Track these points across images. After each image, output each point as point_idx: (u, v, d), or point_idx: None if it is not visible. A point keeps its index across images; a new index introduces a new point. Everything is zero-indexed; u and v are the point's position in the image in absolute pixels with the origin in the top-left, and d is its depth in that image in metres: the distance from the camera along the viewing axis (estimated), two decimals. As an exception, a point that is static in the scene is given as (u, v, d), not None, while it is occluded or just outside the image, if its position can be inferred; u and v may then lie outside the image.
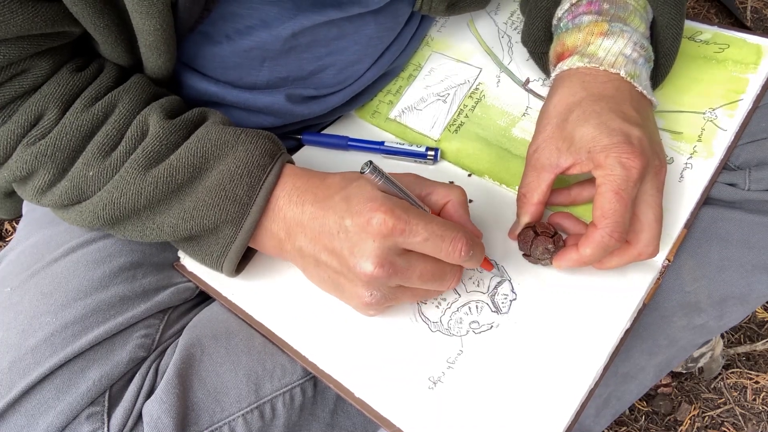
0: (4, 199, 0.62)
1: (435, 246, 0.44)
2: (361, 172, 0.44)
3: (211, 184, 0.48)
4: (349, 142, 0.65)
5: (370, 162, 0.43)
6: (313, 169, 0.51)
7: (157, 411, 0.47)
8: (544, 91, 0.64)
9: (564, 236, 0.53)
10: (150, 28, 0.47)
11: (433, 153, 0.62)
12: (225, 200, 0.48)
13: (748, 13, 1.37)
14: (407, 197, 0.46)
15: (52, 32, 0.47)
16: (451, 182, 0.57)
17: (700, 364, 0.91)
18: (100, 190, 0.49)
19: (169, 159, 0.48)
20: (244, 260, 0.54)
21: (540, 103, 0.63)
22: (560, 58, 0.55)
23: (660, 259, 0.53)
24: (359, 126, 0.68)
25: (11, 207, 0.63)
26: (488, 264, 0.51)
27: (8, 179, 0.50)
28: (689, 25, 0.65)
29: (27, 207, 0.65)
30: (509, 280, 0.53)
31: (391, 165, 0.63)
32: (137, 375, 0.50)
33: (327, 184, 0.48)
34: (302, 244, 0.48)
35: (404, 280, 0.45)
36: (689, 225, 0.55)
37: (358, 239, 0.44)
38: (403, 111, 0.67)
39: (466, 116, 0.65)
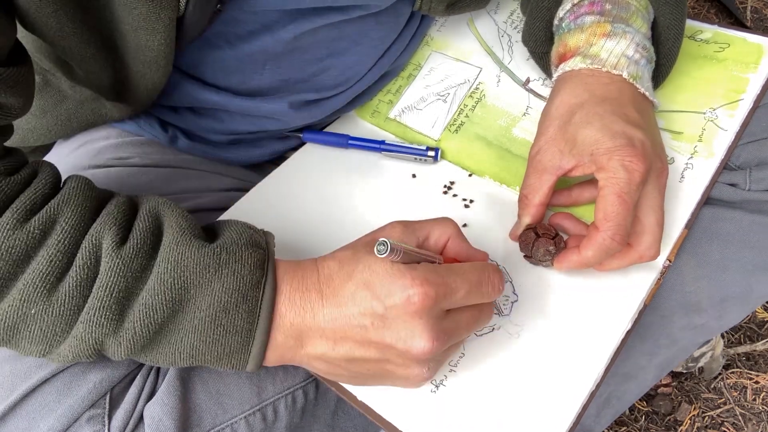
0: None
1: (477, 294, 0.43)
2: (379, 255, 0.39)
3: (203, 320, 0.41)
4: (349, 141, 0.64)
5: (386, 241, 0.39)
6: (295, 261, 0.46)
7: (158, 413, 0.47)
8: (544, 91, 0.64)
9: (565, 237, 0.53)
10: (154, 44, 0.46)
11: (433, 153, 0.62)
12: (225, 335, 0.42)
13: (748, 13, 1.38)
14: (424, 258, 0.43)
15: None
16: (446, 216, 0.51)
17: (700, 364, 0.91)
18: (49, 335, 0.40)
19: (141, 297, 0.41)
20: None
21: (540, 103, 0.63)
22: (562, 58, 0.55)
23: (661, 260, 0.52)
24: (359, 126, 0.68)
25: None
26: None
27: None
28: (689, 24, 0.65)
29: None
30: (510, 282, 0.52)
31: (389, 165, 0.63)
32: (138, 377, 0.49)
33: (326, 276, 0.44)
34: (324, 350, 0.43)
35: (456, 339, 0.43)
36: (690, 225, 0.55)
37: (402, 322, 0.41)
38: (403, 110, 0.67)
39: (467, 116, 0.65)
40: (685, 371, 0.93)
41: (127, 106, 0.59)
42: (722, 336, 0.97)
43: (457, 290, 0.41)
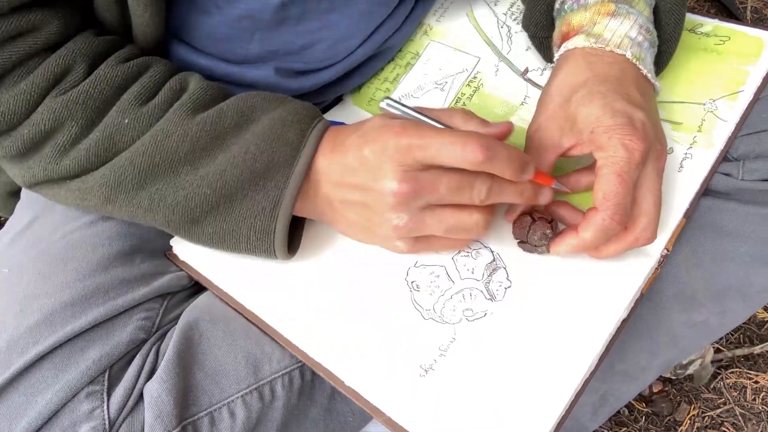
0: (8, 198, 0.61)
1: (451, 152, 0.43)
2: (381, 109, 0.47)
3: (262, 129, 0.48)
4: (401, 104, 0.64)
5: (388, 97, 0.46)
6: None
7: (157, 390, 0.47)
8: (543, 81, 0.64)
9: (561, 227, 0.52)
10: None
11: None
12: (277, 142, 0.47)
13: (748, 13, 1.37)
14: (423, 119, 0.47)
15: None
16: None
17: (689, 371, 0.90)
18: (136, 138, 0.47)
19: (217, 105, 0.48)
20: (292, 244, 0.53)
21: (538, 93, 0.63)
22: (565, 37, 0.55)
23: (658, 248, 0.52)
24: (356, 113, 0.68)
25: (14, 206, 0.63)
26: (545, 177, 0.49)
27: (26, 140, 0.47)
28: (690, 17, 0.65)
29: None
30: (504, 268, 0.52)
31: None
32: (138, 356, 0.49)
33: (343, 130, 0.49)
34: (327, 190, 0.48)
35: (431, 195, 0.45)
36: (688, 215, 0.54)
37: (378, 164, 0.44)
38: (400, 99, 0.66)
39: (464, 104, 0.64)
40: (674, 377, 0.92)
41: None
42: (720, 337, 0.96)
43: (431, 144, 0.43)
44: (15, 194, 0.58)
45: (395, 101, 0.47)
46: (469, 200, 0.46)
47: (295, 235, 0.54)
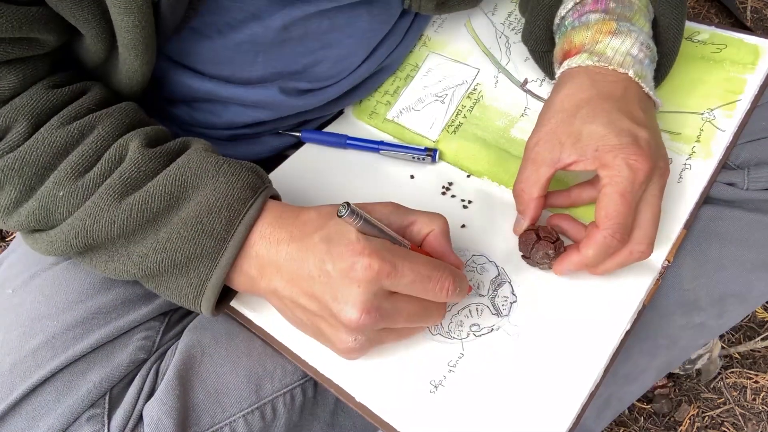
0: None
1: (422, 287, 0.43)
2: (339, 215, 0.41)
3: (188, 215, 0.45)
4: (347, 141, 0.65)
5: (348, 204, 0.41)
6: (287, 204, 0.49)
7: (157, 412, 0.47)
8: (542, 92, 0.64)
9: (565, 243, 0.53)
10: (128, 25, 0.46)
11: (431, 153, 0.62)
12: (201, 234, 0.45)
13: (748, 13, 1.38)
14: (387, 236, 0.45)
15: (20, 37, 0.45)
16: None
17: (697, 366, 0.91)
18: (69, 213, 0.46)
19: (145, 186, 0.46)
20: (224, 300, 0.52)
21: (538, 104, 0.63)
22: (567, 55, 0.55)
23: (659, 260, 0.53)
24: (357, 127, 0.68)
25: None
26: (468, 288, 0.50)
27: None
28: (687, 25, 0.65)
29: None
30: (509, 282, 0.53)
31: (388, 166, 0.63)
32: (137, 377, 0.50)
33: (302, 221, 0.46)
34: (277, 285, 0.45)
35: (390, 324, 0.44)
36: (688, 225, 0.55)
37: (341, 285, 0.42)
38: (401, 111, 0.67)
39: (465, 117, 0.65)
40: (683, 373, 0.93)
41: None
42: (721, 337, 0.97)
43: (403, 275, 0.42)
44: None
45: (357, 213, 0.42)
46: (423, 324, 0.47)
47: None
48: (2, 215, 0.47)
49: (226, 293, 0.51)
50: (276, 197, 0.51)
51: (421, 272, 0.43)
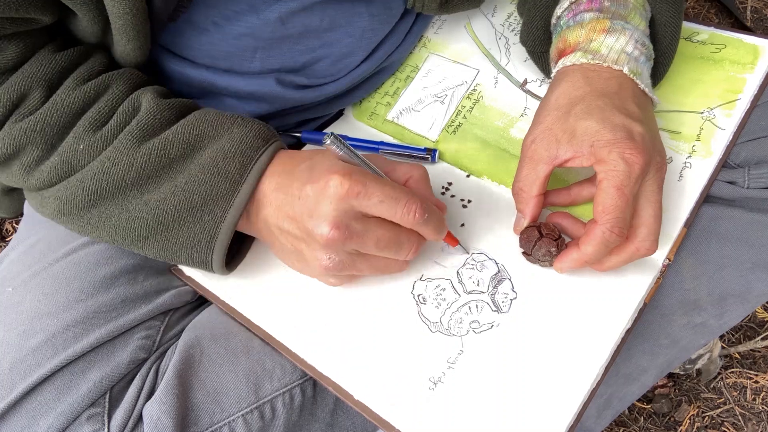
0: (3, 197, 0.62)
1: (390, 208, 0.45)
2: (323, 144, 0.46)
3: (204, 161, 0.48)
4: (347, 142, 0.65)
5: (332, 133, 0.45)
6: (295, 151, 0.51)
7: (157, 412, 0.47)
8: (541, 92, 0.64)
9: (567, 241, 0.53)
10: (119, 11, 0.47)
11: (430, 155, 0.62)
12: (217, 176, 0.47)
13: (748, 13, 1.38)
14: (368, 167, 0.47)
15: (17, 17, 0.46)
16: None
17: (698, 366, 0.91)
18: (90, 163, 0.48)
19: (164, 133, 0.48)
20: (234, 259, 0.54)
21: (538, 104, 0.63)
22: (562, 54, 0.55)
23: (660, 258, 0.53)
24: (357, 127, 0.68)
25: (11, 205, 0.63)
26: (452, 239, 0.52)
27: None
28: (686, 25, 0.66)
29: (28, 207, 0.64)
30: (509, 279, 0.53)
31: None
32: (137, 376, 0.50)
33: (294, 157, 0.49)
34: (267, 213, 0.48)
35: (360, 245, 0.46)
36: (689, 224, 0.55)
37: (316, 202, 0.45)
38: (400, 112, 0.67)
39: (464, 117, 0.65)
40: (682, 373, 0.93)
41: None
42: (721, 336, 0.97)
43: (372, 195, 0.44)
44: (9, 193, 0.58)
45: (340, 142, 0.46)
46: (394, 256, 0.48)
47: (241, 248, 0.55)
48: (23, 174, 0.49)
49: (235, 255, 0.54)
50: (284, 149, 0.53)
51: (390, 194, 0.45)
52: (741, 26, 1.31)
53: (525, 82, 0.65)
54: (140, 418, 0.48)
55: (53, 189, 0.49)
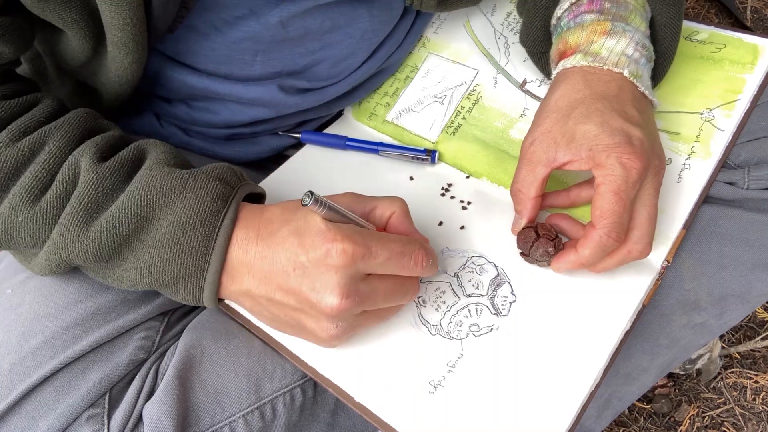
0: None
1: (397, 263, 0.44)
2: (303, 204, 0.41)
3: (163, 237, 0.45)
4: (347, 142, 0.65)
5: (311, 192, 0.41)
6: (252, 205, 0.49)
7: (157, 412, 0.47)
8: (541, 93, 0.64)
9: (564, 240, 0.53)
10: (119, 23, 0.46)
11: (430, 156, 0.62)
12: (181, 254, 0.45)
13: (748, 13, 1.37)
14: (353, 220, 0.45)
15: None
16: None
17: (698, 366, 0.91)
18: (32, 239, 0.45)
19: (110, 210, 0.44)
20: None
21: (537, 105, 0.63)
22: (562, 56, 0.55)
23: (659, 260, 0.53)
24: (356, 128, 0.68)
25: None
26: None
27: None
28: (686, 24, 0.65)
29: None
30: (509, 282, 0.53)
31: (387, 167, 0.63)
32: (137, 376, 0.50)
33: (267, 219, 0.46)
34: (250, 285, 0.45)
35: (370, 305, 0.45)
36: (688, 226, 0.55)
37: (318, 273, 0.42)
38: (400, 113, 0.67)
39: (464, 118, 0.65)
40: (682, 373, 0.93)
41: (107, 100, 0.59)
42: (721, 336, 0.97)
43: (377, 255, 0.43)
44: None
45: (321, 201, 0.42)
46: (400, 301, 0.48)
47: None
48: None
49: None
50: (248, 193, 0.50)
51: (394, 249, 0.44)
52: (741, 26, 1.31)
53: (524, 82, 0.65)
54: (140, 418, 0.48)
55: (18, 257, 0.48)
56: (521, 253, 0.53)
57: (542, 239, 0.51)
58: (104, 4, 0.45)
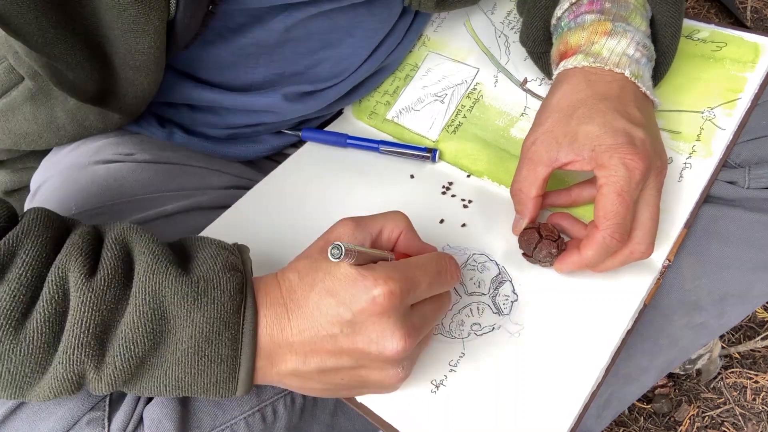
0: (4, 197, 0.61)
1: (439, 284, 0.43)
2: (334, 260, 0.38)
3: (186, 352, 0.40)
4: (347, 140, 0.65)
5: (339, 245, 0.38)
6: (264, 278, 0.45)
7: (158, 415, 0.47)
8: (541, 91, 0.64)
9: (566, 239, 0.53)
10: (144, 48, 0.46)
11: (430, 154, 0.62)
12: (210, 365, 0.41)
13: (748, 13, 1.38)
14: (374, 258, 0.43)
15: None
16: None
17: (698, 366, 0.91)
18: (15, 370, 0.38)
19: (121, 331, 0.39)
20: None
21: (538, 103, 0.63)
22: (563, 56, 0.55)
23: (660, 260, 0.52)
24: (357, 127, 0.68)
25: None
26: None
27: None
28: (686, 23, 0.65)
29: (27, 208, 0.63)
30: (510, 281, 0.52)
31: (388, 165, 0.63)
32: None
33: (289, 289, 0.43)
34: (295, 365, 0.42)
35: (424, 332, 0.43)
36: (689, 225, 0.54)
37: (372, 324, 0.40)
38: (400, 112, 0.67)
39: (464, 116, 0.65)
40: (682, 373, 0.93)
41: (115, 116, 0.59)
42: (721, 336, 0.97)
43: (420, 284, 0.41)
44: (10, 194, 0.58)
45: (350, 250, 0.39)
46: (444, 314, 0.47)
47: None
48: None
49: None
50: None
51: (430, 272, 0.42)
52: (741, 26, 1.31)
53: (525, 81, 0.65)
54: (141, 421, 0.47)
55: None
56: (523, 254, 0.53)
57: (545, 240, 0.50)
58: (129, 33, 0.44)
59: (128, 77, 0.49)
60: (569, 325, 0.50)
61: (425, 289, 0.42)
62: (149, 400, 0.48)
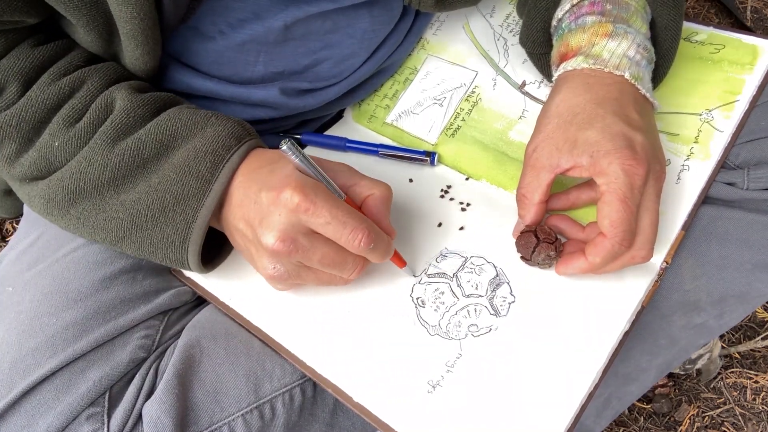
0: (4, 197, 0.62)
1: (336, 231, 0.45)
2: (278, 147, 0.45)
3: (177, 161, 0.48)
4: (347, 144, 0.65)
5: (289, 139, 0.45)
6: (268, 150, 0.51)
7: (156, 411, 0.47)
8: (540, 94, 0.64)
9: (563, 241, 0.53)
10: (127, 16, 0.47)
11: (429, 157, 0.62)
12: (188, 175, 0.48)
13: (748, 13, 1.37)
14: (324, 180, 0.47)
15: (2, 20, 0.47)
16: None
17: (698, 366, 0.91)
18: (66, 161, 0.49)
19: (137, 133, 0.49)
20: (214, 259, 0.54)
21: (537, 106, 0.64)
22: (564, 58, 0.55)
23: (658, 262, 0.53)
24: (356, 130, 0.68)
25: (11, 205, 0.63)
26: (399, 260, 0.52)
27: None
28: (685, 25, 0.65)
29: (27, 207, 0.64)
30: (507, 283, 0.53)
31: (387, 169, 0.64)
32: (137, 375, 0.50)
33: (261, 158, 0.49)
34: (227, 211, 0.49)
35: (305, 260, 0.46)
36: (686, 227, 0.55)
37: (267, 211, 0.45)
38: (399, 115, 0.67)
39: (463, 120, 0.65)
40: (682, 373, 0.93)
41: None
42: (721, 336, 0.97)
43: (320, 215, 0.44)
44: (9, 193, 0.59)
45: (295, 149, 0.46)
46: (338, 274, 0.48)
47: (225, 244, 0.55)
48: (5, 165, 0.50)
49: (215, 255, 0.54)
50: (261, 146, 0.52)
51: (338, 217, 0.45)
52: (741, 26, 1.31)
53: (523, 83, 0.65)
54: (140, 417, 0.48)
55: (38, 187, 0.49)
56: (522, 257, 0.53)
57: (543, 243, 0.51)
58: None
59: (123, 43, 0.50)
60: (566, 327, 0.50)
61: (321, 223, 0.45)
62: (149, 396, 0.49)
